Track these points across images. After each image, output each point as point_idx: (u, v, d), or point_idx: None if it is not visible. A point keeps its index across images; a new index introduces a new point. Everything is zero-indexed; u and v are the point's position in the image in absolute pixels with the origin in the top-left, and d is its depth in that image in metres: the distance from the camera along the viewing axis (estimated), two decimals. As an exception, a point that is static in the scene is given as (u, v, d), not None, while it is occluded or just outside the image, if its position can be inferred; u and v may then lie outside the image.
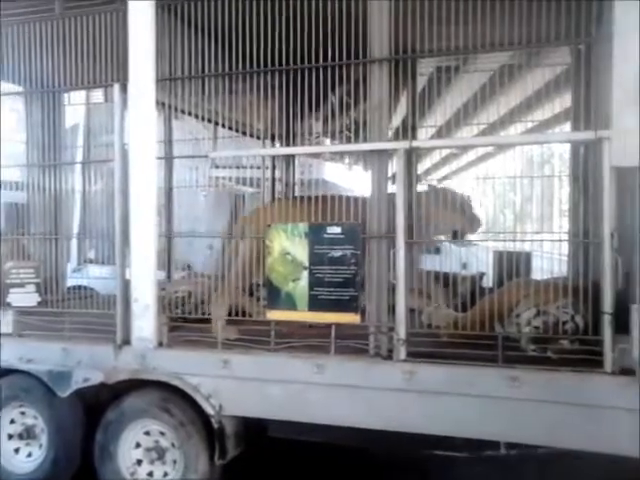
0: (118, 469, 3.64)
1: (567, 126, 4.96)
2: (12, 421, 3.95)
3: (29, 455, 3.92)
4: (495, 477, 4.06)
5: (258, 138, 6.15)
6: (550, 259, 4.48)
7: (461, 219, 4.40)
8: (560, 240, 3.74)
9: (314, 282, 3.38)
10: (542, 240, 3.49)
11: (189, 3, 3.78)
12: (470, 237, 4.88)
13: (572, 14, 3.13)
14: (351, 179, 8.52)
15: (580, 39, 3.39)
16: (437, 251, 6.23)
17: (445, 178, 9.43)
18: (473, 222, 4.49)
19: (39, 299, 4.20)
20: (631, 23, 2.76)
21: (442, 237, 4.53)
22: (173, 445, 3.57)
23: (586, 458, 3.27)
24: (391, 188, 3.42)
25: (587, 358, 2.96)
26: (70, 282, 6.39)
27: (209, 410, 3.46)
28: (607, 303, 2.92)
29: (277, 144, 6.21)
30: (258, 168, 6.38)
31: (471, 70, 5.00)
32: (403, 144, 3.34)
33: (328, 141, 6.42)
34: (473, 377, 3.06)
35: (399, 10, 3.30)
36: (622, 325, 2.91)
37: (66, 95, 5.47)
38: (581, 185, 3.84)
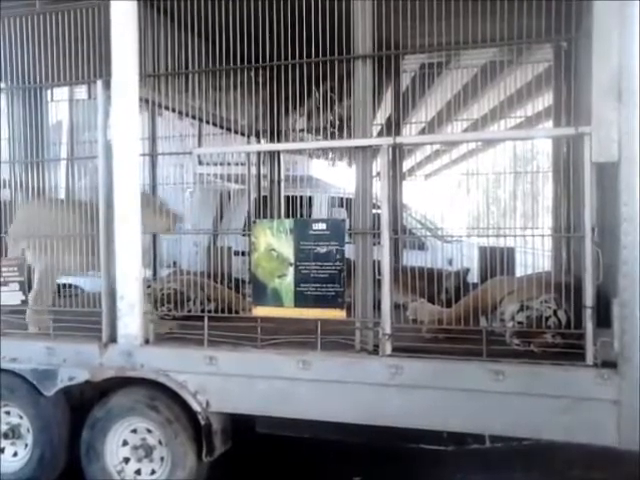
0: (105, 467, 3.63)
1: (551, 122, 5.02)
2: (-3, 421, 3.93)
3: (15, 454, 3.89)
4: (481, 470, 4.11)
5: (243, 135, 6.15)
6: (535, 255, 4.53)
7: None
8: (543, 235, 3.77)
9: (300, 278, 3.39)
10: (524, 235, 3.51)
11: (172, -1, 3.77)
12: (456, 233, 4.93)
13: (554, 12, 3.17)
14: (337, 176, 8.52)
15: (562, 36, 3.42)
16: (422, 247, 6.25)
17: (430, 175, 9.47)
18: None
19: (23, 297, 4.16)
20: (610, 19, 2.79)
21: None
22: (160, 442, 3.56)
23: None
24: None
25: (570, 351, 3.00)
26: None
27: (196, 407, 3.45)
28: (588, 297, 2.95)
29: (262, 140, 6.21)
30: (243, 165, 6.37)
31: (454, 67, 5.03)
32: (387, 140, 3.36)
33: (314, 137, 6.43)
34: (458, 371, 3.09)
35: (382, 6, 3.31)
36: (604, 318, 2.95)
37: (49, 92, 5.41)
38: (562, 181, 3.88)
